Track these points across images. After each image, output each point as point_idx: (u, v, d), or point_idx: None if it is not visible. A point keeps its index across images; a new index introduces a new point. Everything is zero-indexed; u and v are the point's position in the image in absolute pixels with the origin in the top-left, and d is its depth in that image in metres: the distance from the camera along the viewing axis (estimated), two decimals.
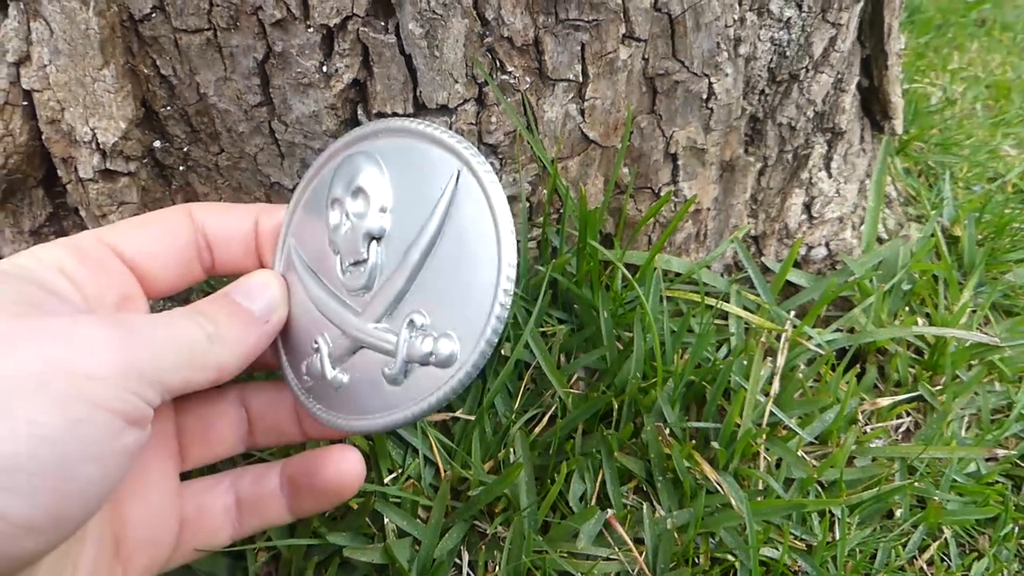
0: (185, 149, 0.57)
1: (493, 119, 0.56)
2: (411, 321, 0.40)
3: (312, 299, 0.45)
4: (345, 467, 0.46)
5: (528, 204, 0.62)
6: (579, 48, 0.56)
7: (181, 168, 0.58)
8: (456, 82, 0.54)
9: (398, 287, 0.41)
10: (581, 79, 0.57)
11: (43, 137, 0.55)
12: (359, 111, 0.54)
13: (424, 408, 0.39)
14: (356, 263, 0.42)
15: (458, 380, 0.39)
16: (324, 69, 0.52)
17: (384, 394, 0.41)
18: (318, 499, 0.47)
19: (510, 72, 0.55)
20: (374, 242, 0.41)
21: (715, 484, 0.58)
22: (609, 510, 0.56)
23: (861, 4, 0.70)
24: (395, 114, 0.54)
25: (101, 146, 0.54)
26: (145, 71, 0.53)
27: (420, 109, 0.54)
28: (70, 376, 0.32)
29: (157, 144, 0.56)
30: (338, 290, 0.44)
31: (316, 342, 0.45)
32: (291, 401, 0.48)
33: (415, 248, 0.40)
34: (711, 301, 0.67)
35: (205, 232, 0.47)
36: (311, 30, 0.51)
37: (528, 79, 0.56)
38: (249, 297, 0.45)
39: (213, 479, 0.48)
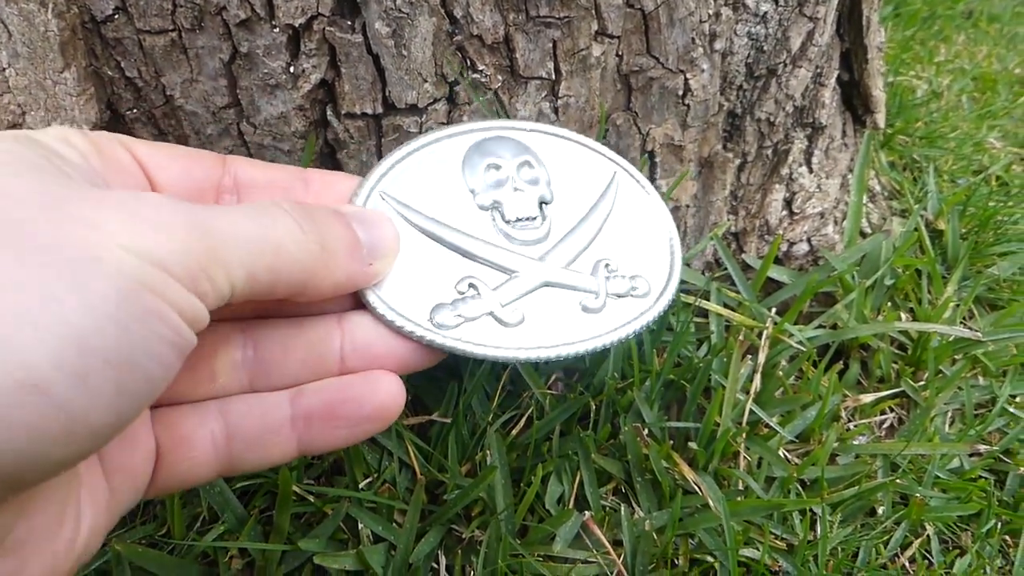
0: None
1: (465, 118, 0.56)
2: (607, 264, 0.49)
3: (452, 246, 0.46)
4: (395, 390, 0.41)
5: None
6: (551, 45, 0.55)
7: None
8: (425, 81, 0.53)
9: (585, 240, 0.49)
10: (554, 77, 0.57)
11: None
12: (328, 112, 0.54)
13: (633, 331, 0.47)
14: (528, 219, 0.49)
15: (657, 312, 0.48)
16: (291, 69, 0.51)
17: (583, 324, 0.47)
18: (352, 430, 0.41)
19: (481, 71, 0.54)
20: (544, 206, 0.50)
21: (694, 485, 0.58)
22: (587, 512, 0.56)
23: None
24: (364, 113, 0.53)
25: None
26: (109, 73, 0.52)
27: (389, 109, 0.54)
28: (136, 259, 0.28)
29: None
30: (493, 240, 0.48)
31: (470, 286, 0.46)
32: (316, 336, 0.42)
33: (594, 215, 0.50)
34: (690, 299, 0.66)
35: (236, 176, 0.42)
36: (277, 30, 0.50)
37: (500, 77, 0.55)
38: (362, 224, 0.40)
39: (195, 406, 0.40)
